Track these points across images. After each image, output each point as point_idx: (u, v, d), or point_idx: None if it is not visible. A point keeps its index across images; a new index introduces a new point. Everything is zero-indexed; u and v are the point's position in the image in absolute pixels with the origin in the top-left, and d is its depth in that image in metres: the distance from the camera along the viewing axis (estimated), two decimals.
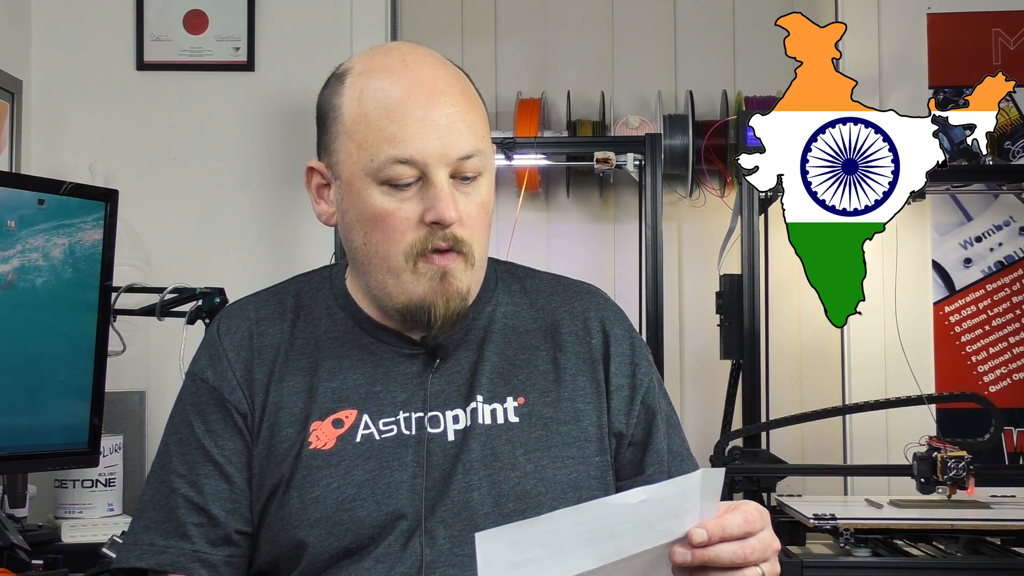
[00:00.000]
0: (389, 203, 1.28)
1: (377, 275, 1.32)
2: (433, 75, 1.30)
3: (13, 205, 2.08)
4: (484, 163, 1.31)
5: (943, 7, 3.04)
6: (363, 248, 1.32)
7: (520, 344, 1.38)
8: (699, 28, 3.14)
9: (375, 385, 1.34)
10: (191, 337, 2.33)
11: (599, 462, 1.35)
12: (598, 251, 3.09)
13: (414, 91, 1.28)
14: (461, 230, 1.29)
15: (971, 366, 2.99)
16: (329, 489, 1.29)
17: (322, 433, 1.32)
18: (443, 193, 1.27)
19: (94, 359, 2.25)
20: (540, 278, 1.46)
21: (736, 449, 2.55)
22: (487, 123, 1.34)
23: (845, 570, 2.22)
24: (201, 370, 1.38)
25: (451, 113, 1.28)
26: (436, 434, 1.31)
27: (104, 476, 2.40)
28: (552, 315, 1.41)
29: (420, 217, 1.28)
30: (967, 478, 2.38)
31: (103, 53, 3.06)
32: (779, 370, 2.94)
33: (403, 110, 1.27)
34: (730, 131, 2.89)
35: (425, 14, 3.17)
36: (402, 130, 1.27)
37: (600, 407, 1.37)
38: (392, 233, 1.29)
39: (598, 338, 1.40)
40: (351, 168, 1.30)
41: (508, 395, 1.34)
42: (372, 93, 1.29)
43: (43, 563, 2.11)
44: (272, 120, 3.06)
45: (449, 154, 1.28)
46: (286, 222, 3.05)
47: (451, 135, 1.28)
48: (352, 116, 1.30)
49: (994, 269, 3.00)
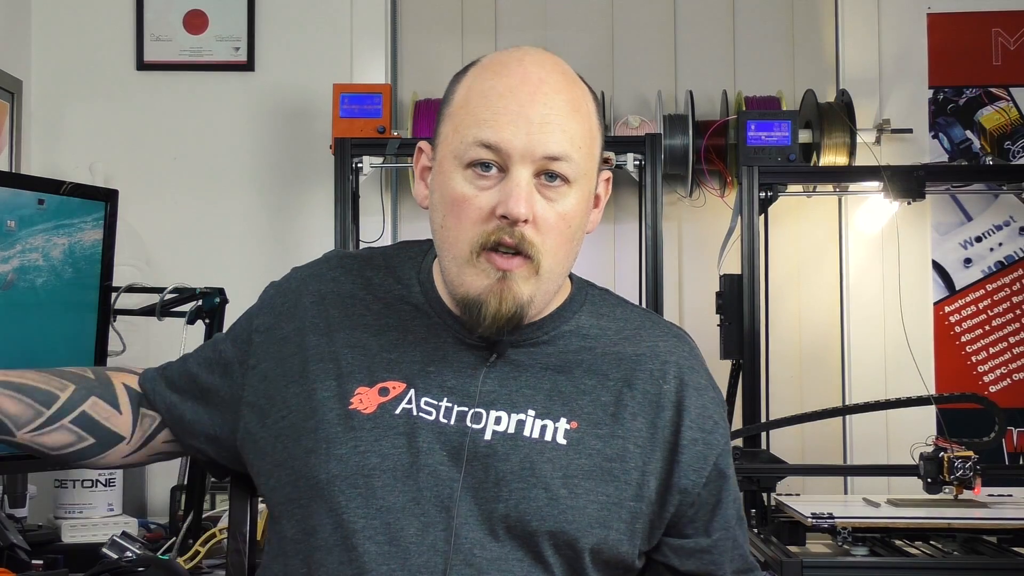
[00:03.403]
0: (468, 189, 1.28)
1: (447, 261, 1.32)
2: (542, 76, 1.29)
3: (13, 205, 2.07)
4: (575, 172, 1.29)
5: (943, 7, 3.04)
6: (440, 231, 1.32)
7: (589, 368, 1.35)
8: (699, 28, 3.14)
9: (429, 365, 1.34)
10: (191, 337, 2.33)
11: (632, 508, 1.31)
12: (598, 251, 3.10)
13: (518, 86, 1.28)
14: (532, 232, 1.27)
15: (971, 366, 2.99)
16: (356, 451, 1.29)
17: (366, 397, 1.32)
18: (518, 188, 1.26)
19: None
20: (631, 310, 1.44)
21: (736, 449, 2.54)
22: (594, 140, 1.32)
23: (846, 570, 2.22)
24: (261, 304, 1.45)
25: (547, 114, 1.27)
26: (475, 430, 1.30)
27: (104, 476, 2.40)
28: (633, 348, 1.37)
29: (493, 209, 1.27)
30: (974, 478, 2.38)
31: (103, 53, 3.06)
32: (779, 370, 2.94)
33: (501, 101, 1.28)
34: (730, 131, 2.89)
35: (425, 14, 3.17)
36: (494, 116, 1.27)
37: (649, 454, 1.33)
38: (464, 220, 1.28)
39: (672, 384, 1.35)
40: (445, 150, 1.31)
41: (562, 416, 1.32)
42: (480, 83, 1.30)
43: (43, 563, 2.11)
44: (272, 120, 3.07)
45: (534, 151, 1.26)
46: (286, 222, 3.05)
47: (541, 133, 1.26)
48: (458, 101, 1.32)
49: (994, 269, 3.00)
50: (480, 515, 1.27)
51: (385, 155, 2.76)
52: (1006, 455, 2.94)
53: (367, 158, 2.77)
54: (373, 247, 1.49)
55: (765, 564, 2.26)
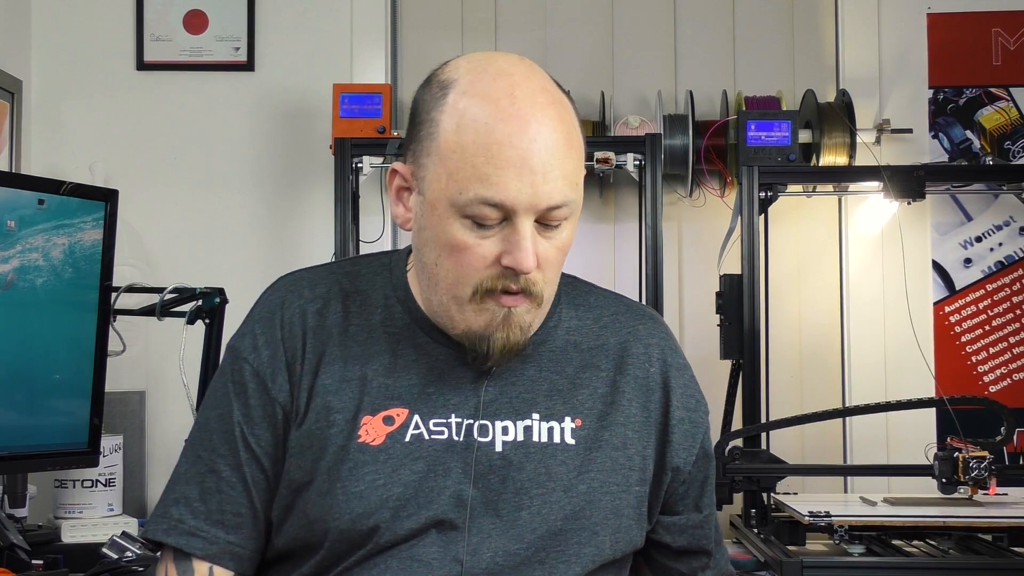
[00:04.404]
0: (469, 238, 1.25)
1: (443, 297, 1.30)
2: (540, 116, 1.24)
3: (13, 205, 2.08)
4: (571, 210, 1.28)
5: (943, 7, 3.04)
6: (434, 267, 1.30)
7: (582, 362, 1.37)
8: (699, 28, 3.14)
9: (428, 387, 1.33)
10: (191, 337, 2.34)
11: (638, 492, 1.35)
12: (598, 251, 3.09)
13: (516, 133, 1.23)
14: (536, 274, 1.27)
15: (971, 366, 2.99)
16: (375, 486, 1.27)
17: (371, 428, 1.30)
18: (525, 242, 1.24)
19: (94, 359, 2.25)
20: (603, 295, 1.46)
21: (736, 449, 2.54)
22: (583, 164, 1.30)
23: (847, 570, 2.22)
24: (246, 349, 1.35)
25: (548, 161, 1.24)
26: (484, 443, 1.30)
27: (104, 476, 2.40)
28: (618, 335, 1.40)
29: (497, 257, 1.25)
30: (989, 479, 2.38)
31: (103, 53, 3.06)
32: (779, 370, 2.94)
33: (501, 152, 1.22)
34: (730, 131, 2.89)
35: (425, 14, 3.17)
36: (496, 172, 1.22)
37: (646, 438, 1.36)
38: (466, 267, 1.26)
39: (657, 367, 1.39)
40: (438, 192, 1.26)
41: (566, 415, 1.33)
42: (472, 123, 1.24)
43: (43, 563, 2.11)
44: (272, 120, 3.07)
45: (539, 204, 1.24)
46: (286, 222, 3.05)
47: (544, 184, 1.23)
48: (448, 142, 1.25)
49: (994, 269, 3.00)
50: (508, 527, 1.28)
51: (385, 155, 2.76)
52: (1006, 455, 2.94)
53: (367, 158, 2.77)
54: (313, 268, 1.42)
55: (765, 564, 2.26)
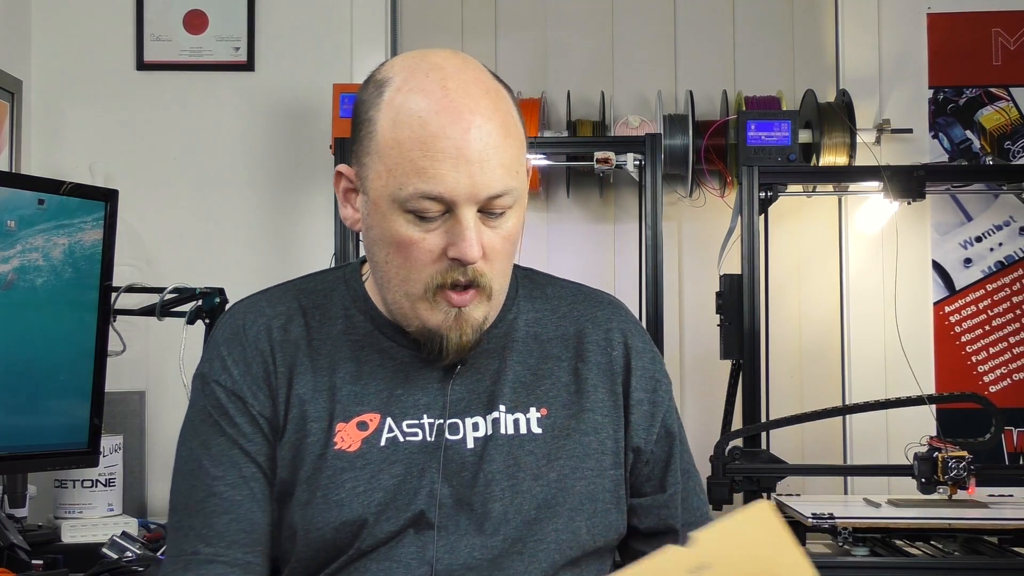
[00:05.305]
0: (414, 232, 1.27)
1: (395, 294, 1.31)
2: (473, 106, 1.25)
3: (13, 205, 2.08)
4: (514, 199, 1.29)
5: (943, 7, 3.04)
6: (384, 265, 1.31)
7: (543, 353, 1.39)
8: (699, 28, 3.14)
9: (396, 388, 1.34)
10: (191, 337, 2.33)
11: (613, 475, 1.37)
12: (598, 251, 3.09)
13: (450, 125, 1.24)
14: (483, 265, 1.28)
15: (971, 366, 2.99)
16: (355, 492, 1.29)
17: (347, 435, 1.31)
18: (468, 232, 1.25)
19: (94, 359, 2.25)
20: (561, 285, 1.46)
21: (736, 449, 2.54)
22: (523, 152, 1.30)
23: (849, 570, 2.22)
24: (216, 372, 1.35)
25: (484, 150, 1.24)
26: (455, 441, 1.32)
27: (104, 476, 2.40)
28: (575, 324, 1.41)
29: (443, 250, 1.27)
30: (968, 478, 2.38)
31: (103, 53, 3.06)
32: (779, 370, 2.94)
33: (436, 145, 1.23)
34: (730, 131, 2.89)
35: (425, 14, 3.17)
36: (433, 165, 1.23)
37: (617, 421, 1.38)
38: (413, 262, 1.28)
39: (619, 350, 1.41)
40: (379, 190, 1.27)
41: (531, 405, 1.35)
42: (407, 118, 1.25)
43: (43, 563, 2.11)
44: (272, 120, 3.06)
45: (478, 193, 1.25)
46: (286, 222, 3.05)
47: (483, 174, 1.24)
48: (385, 139, 1.26)
49: (994, 269, 3.00)
50: (481, 521, 1.29)
51: None
52: (1006, 455, 2.94)
53: None
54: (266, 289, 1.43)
55: None
